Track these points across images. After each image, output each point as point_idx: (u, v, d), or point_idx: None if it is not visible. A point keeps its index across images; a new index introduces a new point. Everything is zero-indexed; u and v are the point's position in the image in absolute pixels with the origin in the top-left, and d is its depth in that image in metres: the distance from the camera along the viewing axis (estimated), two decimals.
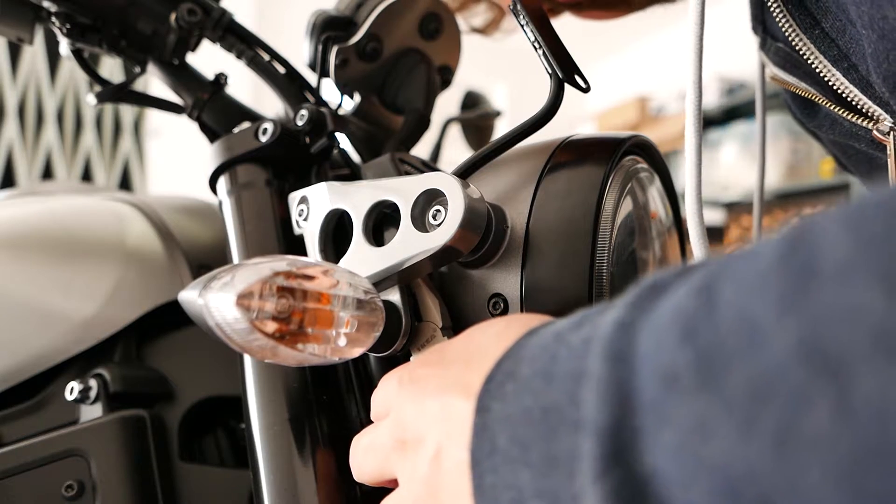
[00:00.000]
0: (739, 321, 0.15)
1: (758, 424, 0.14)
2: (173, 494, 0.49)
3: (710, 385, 0.15)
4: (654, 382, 0.16)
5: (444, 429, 0.26)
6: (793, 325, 0.14)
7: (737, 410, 0.14)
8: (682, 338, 0.16)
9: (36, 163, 2.67)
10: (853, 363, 0.12)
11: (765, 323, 0.14)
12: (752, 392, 0.14)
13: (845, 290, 0.13)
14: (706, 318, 0.15)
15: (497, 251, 0.38)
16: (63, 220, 0.60)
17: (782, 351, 0.14)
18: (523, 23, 0.38)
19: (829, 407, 0.13)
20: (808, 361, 0.13)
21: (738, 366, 0.14)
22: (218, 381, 0.54)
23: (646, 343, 0.17)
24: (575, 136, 0.42)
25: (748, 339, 0.14)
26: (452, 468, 0.25)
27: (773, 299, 0.14)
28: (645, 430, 0.16)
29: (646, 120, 3.57)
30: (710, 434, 0.14)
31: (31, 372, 0.50)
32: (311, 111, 0.48)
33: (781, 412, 0.13)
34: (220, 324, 0.28)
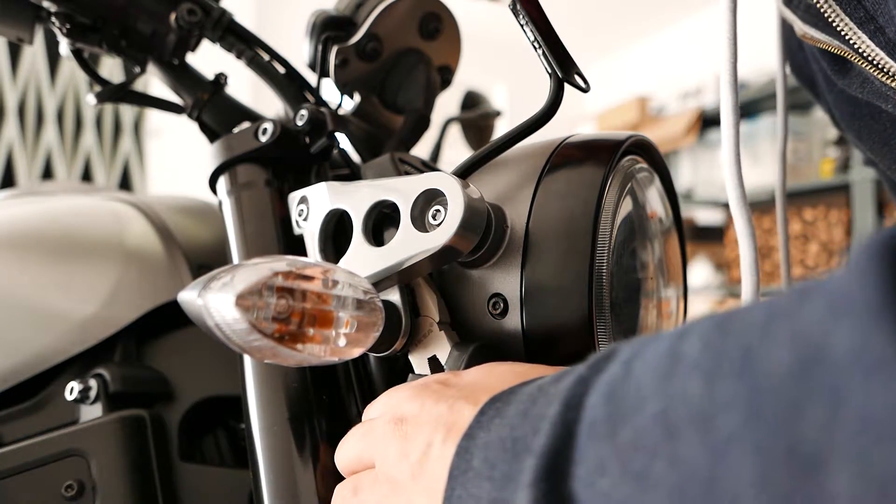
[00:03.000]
0: (636, 390, 0.20)
1: (630, 467, 0.19)
2: (173, 494, 0.49)
3: (610, 436, 0.20)
4: (585, 427, 0.22)
5: (440, 429, 0.30)
6: (658, 399, 0.19)
7: (620, 453, 0.20)
8: (605, 398, 0.22)
9: (36, 163, 2.67)
10: (681, 430, 0.18)
11: (646, 394, 0.20)
12: (632, 442, 0.20)
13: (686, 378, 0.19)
14: (621, 385, 0.21)
15: (497, 251, 0.38)
16: (63, 220, 0.60)
17: (649, 416, 0.19)
18: (523, 22, 0.38)
19: (667, 458, 0.19)
20: (661, 424, 0.19)
21: (627, 422, 0.20)
22: (218, 381, 0.54)
23: (591, 396, 0.22)
24: (575, 136, 0.42)
25: (637, 404, 0.20)
26: (434, 470, 0.29)
27: (654, 377, 0.20)
28: (572, 462, 0.22)
29: (646, 120, 3.57)
30: (603, 472, 0.20)
31: (30, 372, 0.50)
32: (310, 111, 0.48)
33: (643, 460, 0.19)
34: (219, 324, 0.28)
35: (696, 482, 0.18)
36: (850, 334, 0.15)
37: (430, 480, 0.29)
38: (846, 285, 0.16)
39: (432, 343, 0.38)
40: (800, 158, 2.78)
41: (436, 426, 0.30)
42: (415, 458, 0.30)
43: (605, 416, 0.21)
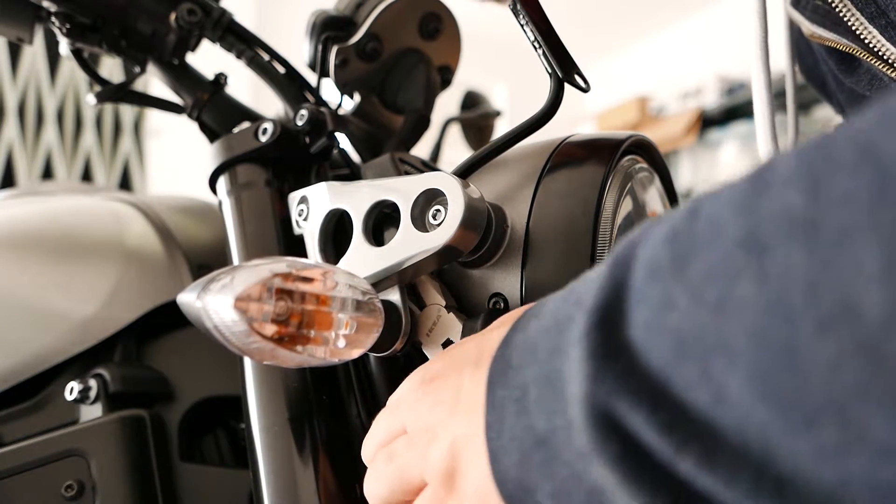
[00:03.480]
0: (709, 224, 0.19)
1: (704, 295, 0.18)
2: (173, 494, 0.49)
3: (679, 272, 0.19)
4: (641, 273, 0.20)
5: (470, 361, 0.29)
6: (741, 224, 0.17)
7: (692, 285, 0.18)
8: (666, 241, 0.20)
9: (36, 163, 2.67)
10: (772, 245, 0.16)
11: (725, 222, 0.18)
12: (707, 272, 0.18)
13: (782, 195, 0.17)
14: (687, 226, 0.19)
15: (497, 251, 0.38)
16: (63, 220, 0.60)
17: (730, 241, 0.17)
18: (523, 22, 0.38)
19: (753, 278, 0.17)
20: (745, 246, 0.17)
21: (701, 255, 0.18)
22: (218, 381, 0.54)
23: (643, 250, 0.21)
24: (575, 135, 0.42)
25: (711, 235, 0.18)
26: (471, 394, 0.27)
27: (735, 205, 0.18)
28: (628, 309, 0.20)
29: (646, 120, 3.57)
30: (669, 307, 0.19)
31: (30, 372, 0.50)
32: (310, 111, 0.48)
33: (723, 285, 0.17)
34: (218, 326, 0.28)
35: (795, 290, 0.16)
36: None
37: (470, 405, 0.27)
38: None
39: (443, 329, 0.37)
40: None
41: (466, 360, 0.29)
42: (449, 396, 0.29)
43: (669, 256, 0.19)
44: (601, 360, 0.20)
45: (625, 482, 0.19)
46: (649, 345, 0.19)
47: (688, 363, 0.18)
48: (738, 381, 0.17)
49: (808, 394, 0.16)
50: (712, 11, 3.45)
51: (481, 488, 0.26)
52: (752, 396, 0.16)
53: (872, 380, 0.15)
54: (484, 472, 0.25)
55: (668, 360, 0.18)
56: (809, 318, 0.15)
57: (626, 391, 0.19)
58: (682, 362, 0.18)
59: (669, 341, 0.18)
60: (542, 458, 0.23)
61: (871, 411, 0.15)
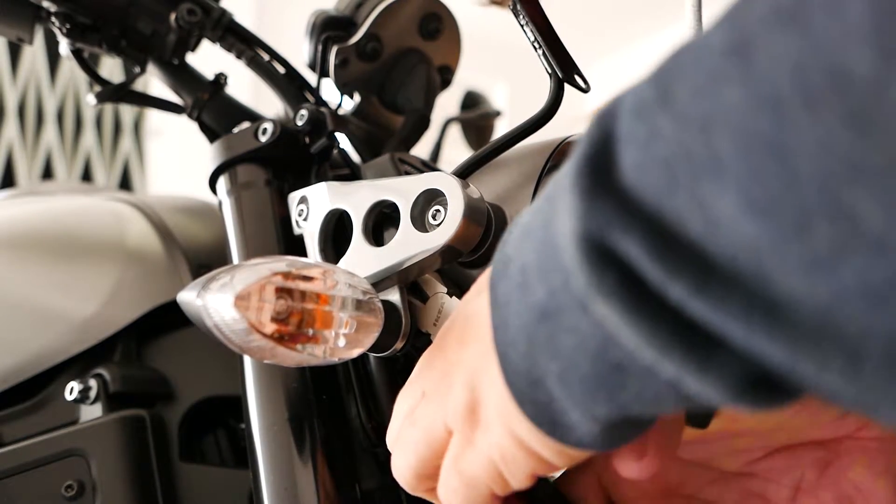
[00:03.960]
0: (694, 49, 0.17)
1: (690, 115, 0.17)
2: (173, 494, 0.49)
3: (664, 102, 0.18)
4: (626, 117, 0.19)
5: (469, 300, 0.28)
6: (729, 30, 0.16)
7: (677, 110, 0.17)
8: (652, 79, 0.19)
9: (36, 163, 2.67)
10: (755, 42, 0.15)
11: (709, 39, 0.17)
12: (693, 92, 0.17)
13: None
14: (672, 60, 0.18)
15: None
16: (63, 220, 0.60)
17: (717, 51, 0.16)
18: (523, 23, 0.38)
19: (738, 80, 0.15)
20: (731, 52, 0.16)
21: (685, 78, 0.17)
22: (218, 380, 0.54)
23: (628, 96, 0.19)
24: (575, 135, 0.42)
25: (696, 57, 0.17)
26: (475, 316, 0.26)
27: (721, 23, 0.17)
28: (616, 154, 0.19)
29: None
30: (656, 137, 0.17)
31: (31, 372, 0.51)
32: (310, 111, 0.48)
33: (709, 98, 0.16)
34: (218, 325, 0.28)
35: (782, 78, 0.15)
36: None
37: (476, 327, 0.26)
38: None
39: (450, 313, 0.37)
40: None
41: (466, 302, 0.28)
42: (455, 336, 0.27)
43: (654, 90, 0.18)
44: (592, 198, 0.19)
45: (625, 313, 0.18)
46: (640, 181, 0.18)
47: (678, 191, 0.17)
48: (729, 199, 0.16)
49: (797, 193, 0.15)
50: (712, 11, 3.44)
51: (500, 405, 0.24)
52: (742, 212, 0.16)
53: (864, 155, 0.14)
54: (500, 388, 0.24)
55: (659, 191, 0.17)
56: (796, 101, 0.15)
57: (618, 221, 0.18)
58: (673, 191, 0.17)
59: (658, 172, 0.17)
60: (547, 335, 0.22)
61: (863, 196, 0.14)
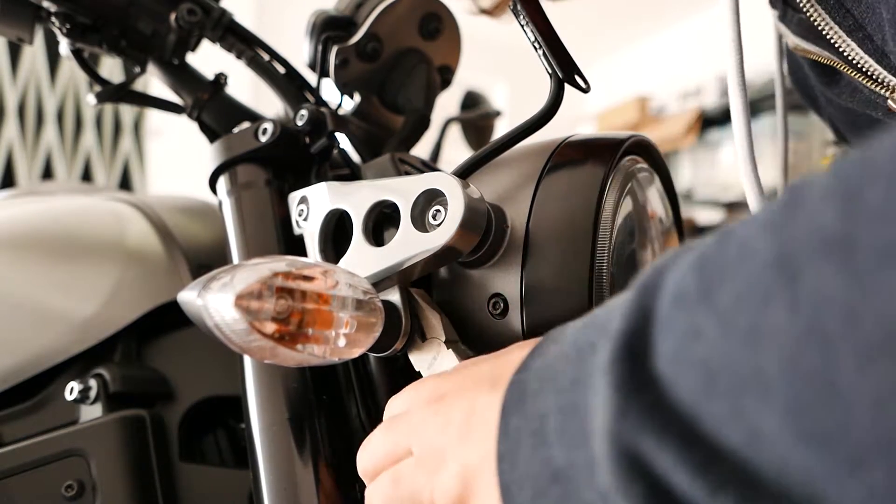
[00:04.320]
0: (739, 247, 0.17)
1: (734, 323, 0.16)
2: (173, 494, 0.49)
3: (706, 299, 0.17)
4: (667, 302, 0.19)
5: (483, 384, 0.28)
6: (774, 242, 0.16)
7: (720, 312, 0.17)
8: (694, 268, 0.18)
9: (36, 163, 2.67)
10: (805, 267, 0.15)
11: (755, 243, 0.17)
12: (736, 298, 0.17)
13: (815, 213, 0.16)
14: (716, 251, 0.18)
15: (497, 251, 0.38)
16: (63, 220, 0.60)
17: (759, 265, 0.16)
18: (523, 23, 0.38)
19: (785, 303, 0.16)
20: (776, 269, 0.16)
21: (729, 280, 0.17)
22: (218, 381, 0.54)
23: (670, 277, 0.19)
24: (575, 136, 0.42)
25: (740, 258, 0.17)
26: (483, 418, 0.26)
27: (766, 226, 0.17)
28: (654, 340, 0.19)
29: (646, 120, 3.57)
30: (697, 337, 0.17)
31: (31, 372, 0.50)
32: (310, 111, 0.48)
33: (753, 311, 0.16)
34: (218, 324, 0.28)
35: (832, 317, 0.14)
36: None
37: (481, 431, 0.26)
38: None
39: (443, 364, 0.37)
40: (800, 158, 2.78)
41: (480, 382, 0.28)
42: (459, 419, 0.27)
43: (696, 283, 0.18)
44: (627, 393, 0.19)
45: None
46: (677, 377, 0.18)
47: (718, 398, 0.17)
48: (774, 419, 0.15)
49: (852, 432, 0.14)
50: (712, 11, 3.45)
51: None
52: (791, 435, 0.15)
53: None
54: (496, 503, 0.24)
55: (697, 395, 0.17)
56: (849, 349, 0.14)
57: (654, 428, 0.18)
58: (712, 397, 0.17)
59: (697, 374, 0.17)
60: (559, 495, 0.22)
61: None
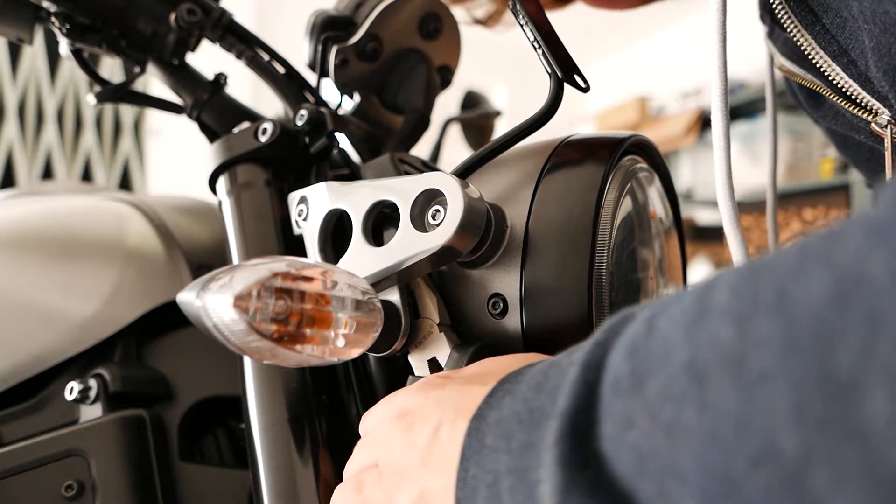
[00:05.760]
0: (661, 342, 0.20)
1: (659, 418, 0.19)
2: (173, 494, 0.49)
3: (637, 389, 0.20)
4: (608, 385, 0.21)
5: (448, 412, 0.30)
6: (686, 348, 0.19)
7: (648, 404, 0.20)
8: (627, 355, 0.21)
9: (36, 163, 2.67)
10: (711, 375, 0.18)
11: (673, 345, 0.20)
12: (660, 394, 0.19)
13: (717, 326, 0.18)
14: (644, 341, 0.21)
15: (496, 251, 0.38)
16: (63, 220, 0.60)
17: (677, 366, 0.19)
18: (523, 23, 0.38)
19: (696, 405, 0.18)
20: (689, 372, 0.19)
21: (654, 374, 0.20)
22: (217, 381, 0.54)
23: (611, 360, 0.22)
24: (574, 135, 0.42)
25: (663, 356, 0.20)
26: (445, 451, 0.28)
27: (681, 327, 0.20)
28: (597, 420, 0.21)
29: (646, 120, 3.57)
30: (630, 425, 0.20)
31: (30, 372, 0.50)
32: (310, 111, 0.48)
33: (672, 409, 0.19)
34: (217, 325, 0.28)
35: (728, 424, 0.17)
36: (890, 258, 0.15)
37: (442, 461, 0.28)
38: (882, 217, 0.16)
39: (432, 345, 0.38)
40: (800, 158, 2.78)
41: (443, 410, 0.30)
42: (423, 443, 0.29)
43: (629, 371, 0.21)
44: (572, 469, 0.21)
45: None
46: (615, 458, 0.20)
47: (647, 479, 0.19)
48: (690, 501, 0.18)
49: None
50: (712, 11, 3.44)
51: None
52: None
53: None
54: None
55: (630, 475, 0.20)
56: (741, 452, 0.17)
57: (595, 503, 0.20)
58: (643, 478, 0.19)
59: (630, 457, 0.20)
60: None
61: None
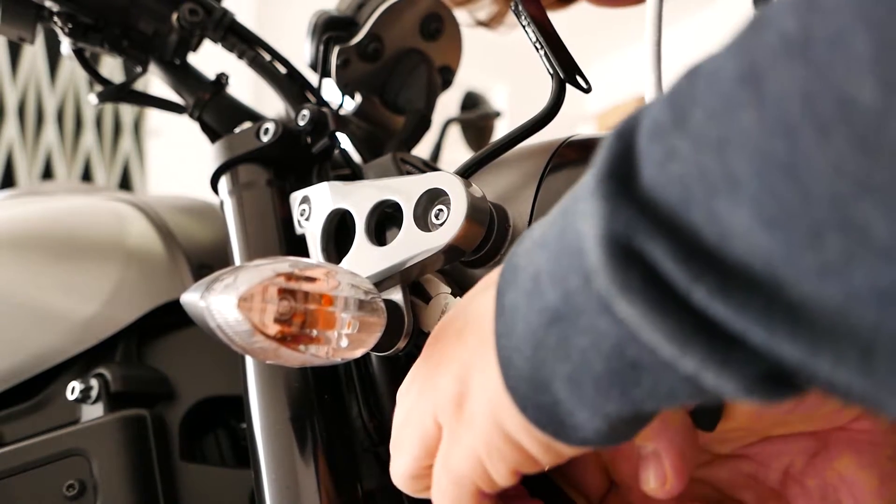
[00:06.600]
0: (707, 75, 0.19)
1: (706, 137, 0.18)
2: (174, 494, 0.49)
3: (679, 124, 0.19)
4: (645, 135, 0.20)
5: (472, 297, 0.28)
6: (739, 60, 0.17)
7: (693, 132, 0.18)
8: (666, 103, 0.20)
9: (36, 163, 2.66)
10: (770, 67, 0.17)
11: (720, 68, 0.18)
12: (706, 117, 0.18)
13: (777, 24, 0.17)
14: (685, 83, 0.19)
15: (499, 251, 0.38)
16: (63, 220, 0.60)
17: (729, 80, 0.18)
18: (525, 23, 0.38)
19: (753, 105, 0.17)
20: (741, 79, 0.17)
21: (699, 105, 0.18)
22: (219, 380, 0.54)
23: (645, 116, 0.20)
24: (576, 136, 0.42)
25: (709, 82, 0.18)
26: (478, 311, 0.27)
27: (732, 50, 0.18)
28: (636, 168, 0.20)
29: None
30: (671, 158, 0.19)
31: (31, 372, 0.50)
32: (312, 111, 0.48)
33: (722, 123, 0.17)
34: (221, 326, 0.28)
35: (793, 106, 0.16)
36: None
37: (476, 326, 0.26)
38: None
39: None
40: None
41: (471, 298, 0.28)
42: (455, 330, 0.28)
43: (670, 114, 0.19)
44: (616, 202, 0.20)
45: (649, 311, 0.19)
46: (658, 196, 0.19)
47: (693, 206, 0.18)
48: (743, 213, 0.17)
49: (810, 208, 0.16)
50: (712, 11, 3.45)
51: (491, 403, 0.25)
52: (757, 226, 0.17)
53: (871, 174, 0.15)
54: (495, 387, 0.24)
55: (676, 207, 0.19)
56: (808, 127, 0.16)
57: (643, 225, 0.19)
58: (688, 206, 0.18)
59: (675, 189, 0.19)
60: (558, 337, 0.22)
61: (871, 210, 0.15)
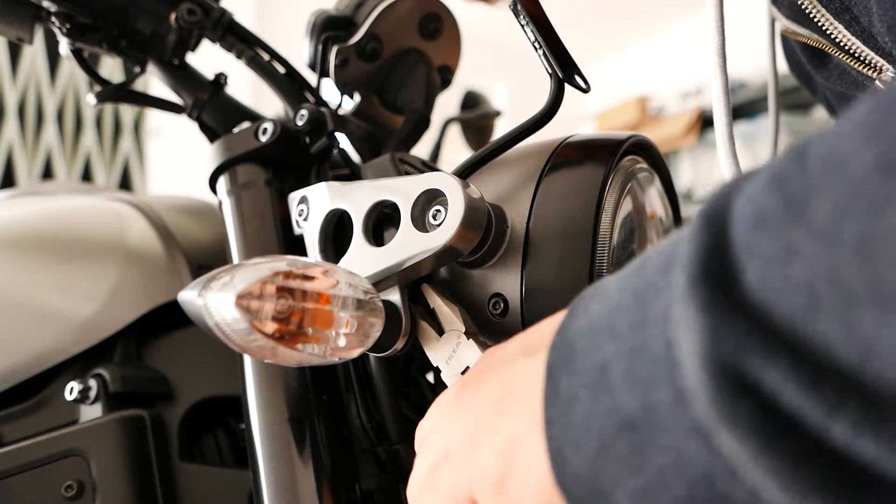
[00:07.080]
0: (824, 161, 0.16)
1: (839, 235, 0.15)
2: (173, 494, 0.49)
3: (796, 217, 0.16)
4: (743, 227, 0.17)
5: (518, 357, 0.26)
6: (873, 147, 0.15)
7: (819, 228, 0.15)
8: (771, 188, 0.17)
9: (36, 163, 2.66)
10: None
11: (847, 154, 0.15)
12: (834, 209, 0.15)
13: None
14: (796, 169, 0.17)
15: (497, 251, 0.38)
16: (63, 220, 0.60)
17: (860, 170, 0.15)
18: (523, 23, 0.38)
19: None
20: (883, 171, 0.14)
21: (820, 194, 0.16)
22: (218, 381, 0.54)
23: (740, 201, 0.18)
24: (575, 136, 0.42)
25: (831, 170, 0.16)
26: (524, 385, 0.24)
27: (857, 134, 0.15)
28: (736, 266, 0.17)
29: (646, 120, 3.57)
30: (794, 256, 0.16)
31: (30, 372, 0.50)
32: (311, 111, 0.48)
33: (860, 219, 0.15)
34: (219, 324, 0.28)
35: None
36: None
37: (521, 398, 0.24)
38: None
39: (464, 355, 0.36)
40: None
41: (510, 359, 0.26)
42: (494, 394, 0.25)
43: (779, 202, 0.16)
44: (719, 314, 0.17)
45: (763, 453, 0.16)
46: (775, 302, 0.16)
47: (826, 316, 0.15)
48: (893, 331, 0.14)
49: None
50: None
51: (540, 495, 0.23)
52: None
53: None
54: (542, 476, 0.22)
55: (800, 316, 0.16)
56: None
57: (756, 345, 0.16)
58: (818, 316, 0.15)
59: (798, 294, 0.16)
60: (630, 447, 0.19)
61: None
